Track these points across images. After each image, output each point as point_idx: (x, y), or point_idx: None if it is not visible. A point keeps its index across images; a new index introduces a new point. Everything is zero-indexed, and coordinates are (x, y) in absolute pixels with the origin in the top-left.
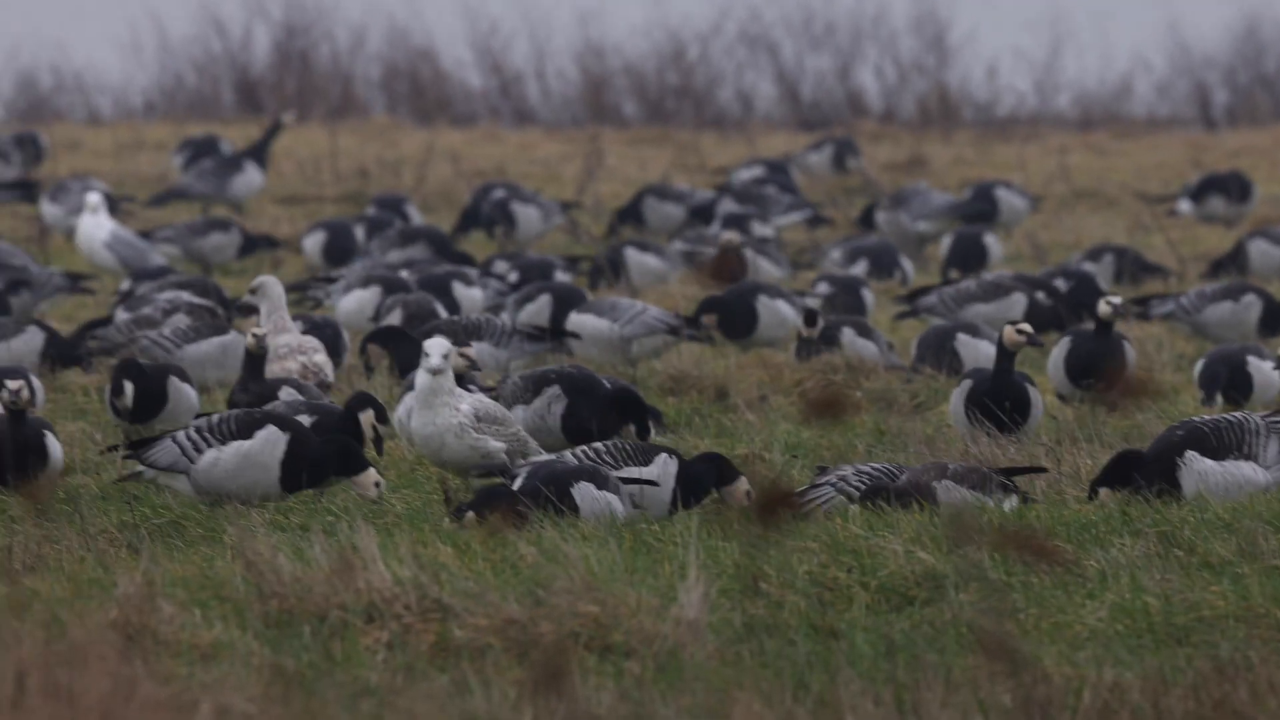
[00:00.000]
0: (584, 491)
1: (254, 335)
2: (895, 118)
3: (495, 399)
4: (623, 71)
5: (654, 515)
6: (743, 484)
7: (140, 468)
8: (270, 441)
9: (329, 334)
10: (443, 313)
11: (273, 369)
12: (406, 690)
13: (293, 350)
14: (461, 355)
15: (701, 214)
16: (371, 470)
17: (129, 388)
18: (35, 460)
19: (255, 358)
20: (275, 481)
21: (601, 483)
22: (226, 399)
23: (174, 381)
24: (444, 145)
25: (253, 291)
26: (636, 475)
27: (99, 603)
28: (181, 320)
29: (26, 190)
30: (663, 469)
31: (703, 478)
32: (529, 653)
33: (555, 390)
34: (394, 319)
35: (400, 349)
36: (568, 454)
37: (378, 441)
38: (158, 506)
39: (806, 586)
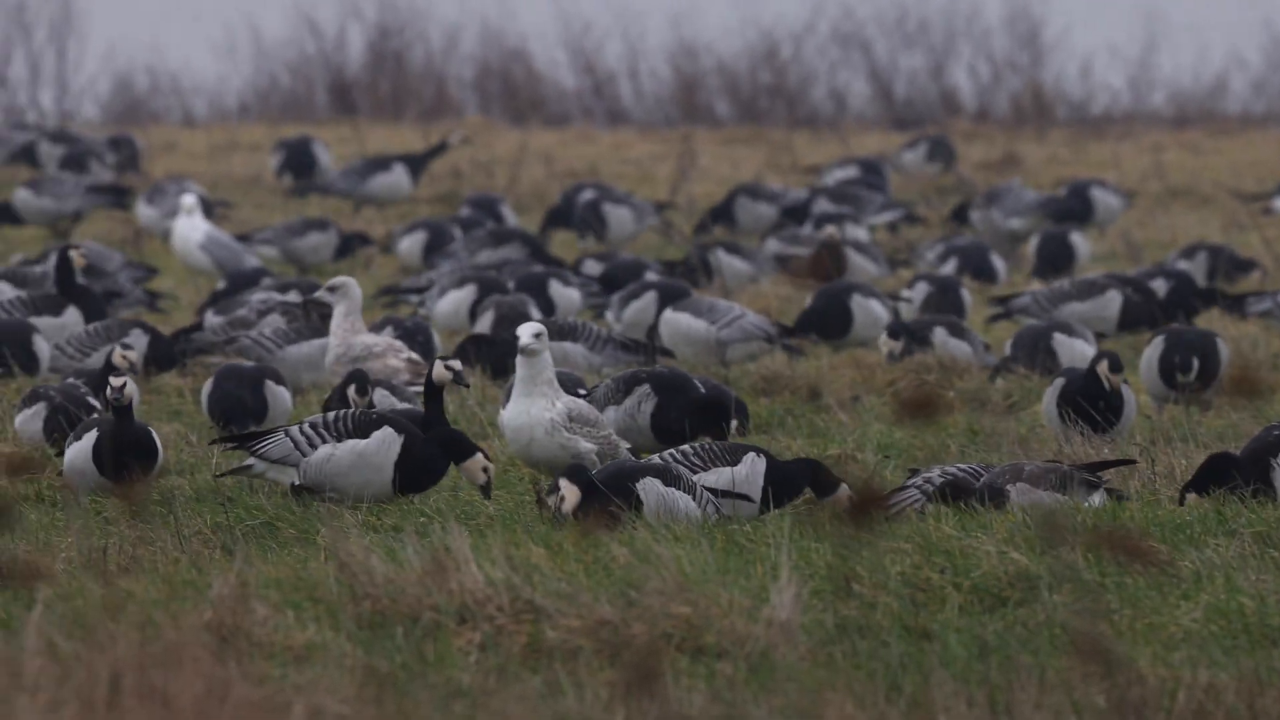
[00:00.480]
0: (649, 487)
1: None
2: (989, 116)
3: (589, 401)
4: (716, 71)
5: (744, 515)
6: (844, 491)
7: (250, 461)
8: (386, 442)
9: (420, 339)
10: (535, 314)
11: (373, 366)
12: (499, 691)
13: (388, 347)
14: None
15: (795, 214)
16: (479, 455)
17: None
18: (143, 457)
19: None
20: (387, 483)
21: (670, 480)
22: (323, 404)
23: (270, 385)
24: (537, 146)
25: (331, 289)
26: (721, 483)
27: (193, 604)
28: (277, 320)
29: (118, 195)
30: (750, 468)
31: (793, 477)
32: (621, 654)
33: (645, 389)
34: (486, 321)
35: (490, 352)
36: (654, 457)
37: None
38: (251, 508)
39: (899, 587)
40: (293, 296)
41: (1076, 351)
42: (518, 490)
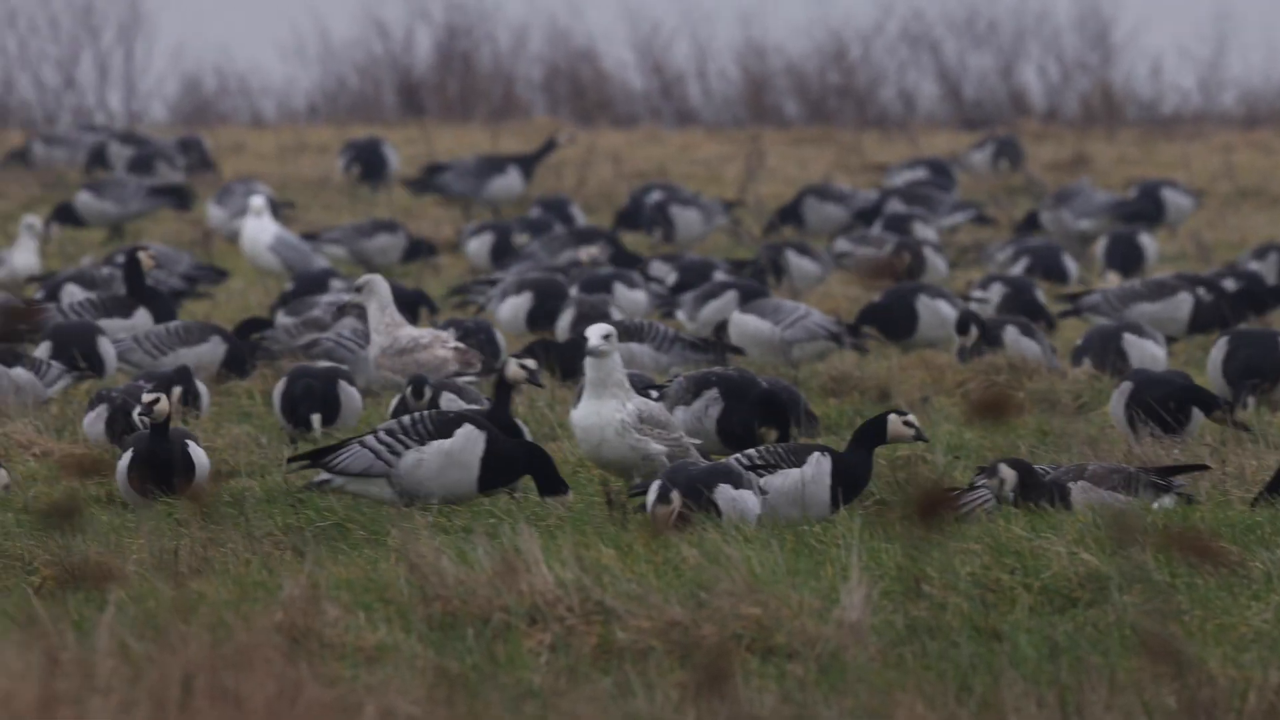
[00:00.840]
0: (724, 494)
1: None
2: (1058, 116)
3: (663, 397)
4: (784, 71)
5: (815, 516)
6: (894, 421)
7: (326, 476)
8: (470, 439)
9: (481, 339)
10: (616, 314)
11: (421, 358)
12: (569, 692)
13: (435, 339)
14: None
15: (867, 215)
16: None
17: (317, 420)
18: (181, 472)
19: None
20: (474, 481)
21: (738, 482)
22: (392, 408)
23: (343, 385)
24: (605, 146)
25: (358, 289)
26: (788, 485)
27: (264, 605)
28: (347, 320)
29: (180, 197)
30: (816, 468)
31: (859, 470)
32: (691, 655)
33: (713, 393)
34: (566, 320)
35: (561, 354)
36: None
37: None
38: (322, 509)
39: (969, 588)
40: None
41: (1147, 352)
42: (588, 491)
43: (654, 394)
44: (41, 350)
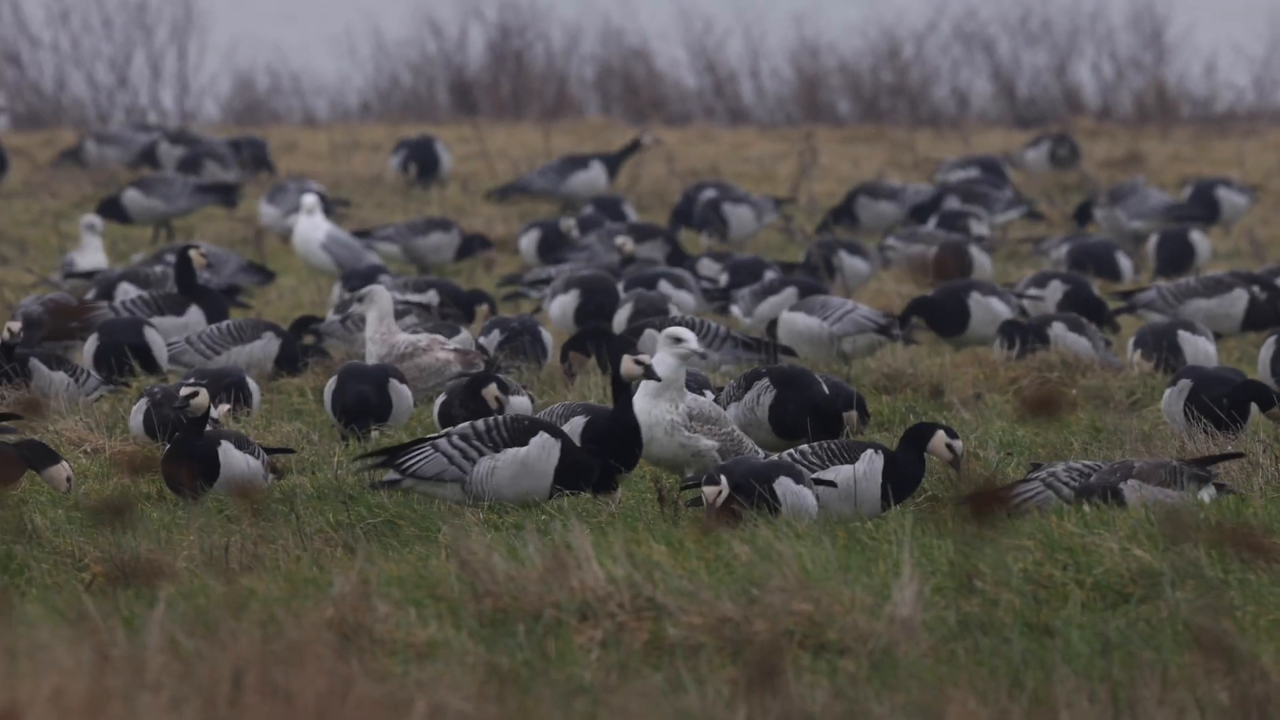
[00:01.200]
0: (785, 486)
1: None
2: (1112, 114)
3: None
4: (837, 70)
5: (866, 513)
6: (940, 437)
7: (396, 477)
8: (545, 448)
9: (527, 340)
10: (675, 310)
11: (423, 362)
12: (620, 688)
13: (432, 342)
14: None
15: (921, 211)
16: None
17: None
18: (205, 472)
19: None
20: (547, 488)
21: (799, 478)
22: (438, 412)
23: (394, 384)
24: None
25: (360, 300)
26: (840, 481)
27: (315, 602)
28: (409, 320)
29: (227, 195)
30: (868, 465)
31: (911, 469)
32: (743, 651)
33: (764, 383)
34: (624, 313)
35: (610, 348)
36: (775, 456)
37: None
38: (373, 506)
39: (1021, 584)
40: (430, 296)
41: (1200, 350)
42: (639, 488)
43: (708, 393)
44: (90, 344)
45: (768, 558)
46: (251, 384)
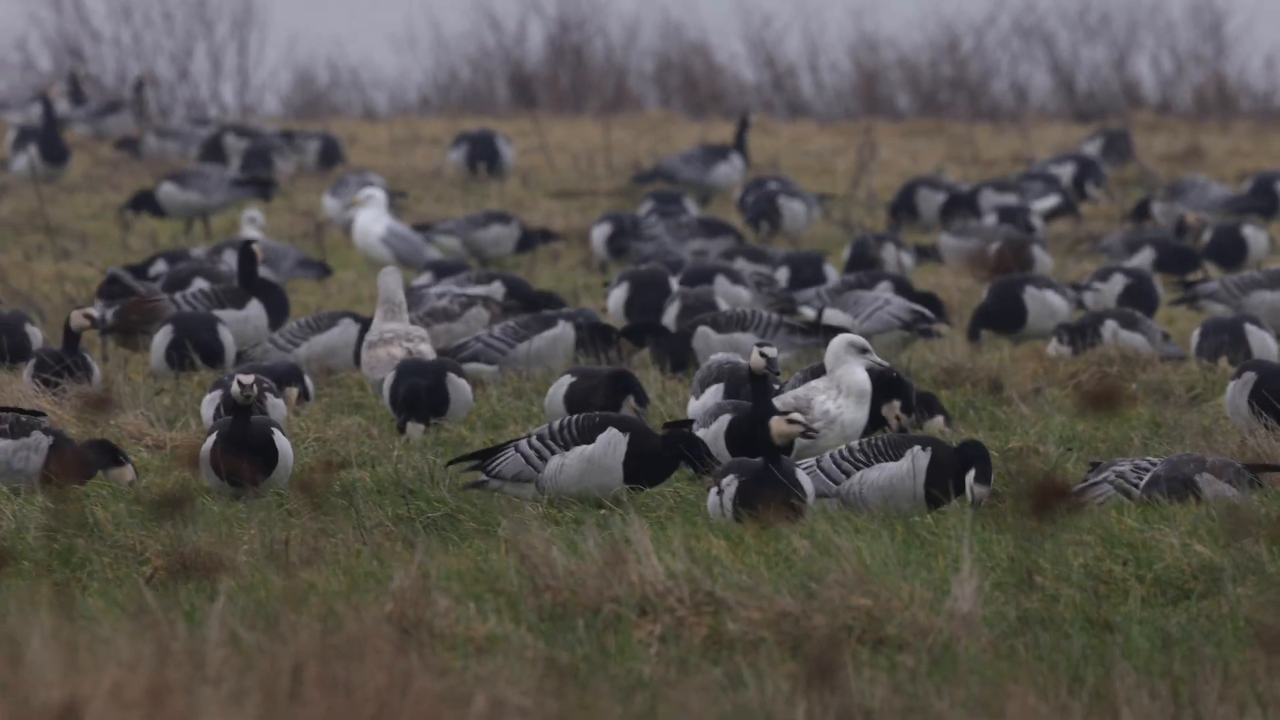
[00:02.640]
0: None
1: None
2: (1172, 108)
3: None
4: (896, 64)
5: (905, 510)
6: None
7: (484, 478)
8: (612, 444)
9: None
10: (723, 304)
11: (378, 354)
12: (679, 683)
13: (398, 336)
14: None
15: (962, 203)
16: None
17: (415, 430)
18: (262, 460)
19: None
20: (619, 482)
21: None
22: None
23: (451, 378)
24: (717, 138)
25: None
26: (882, 479)
27: (374, 596)
28: (481, 314)
29: (263, 188)
30: (912, 463)
31: (956, 470)
32: (802, 645)
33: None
34: (672, 312)
35: (665, 343)
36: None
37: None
38: (433, 500)
39: (1081, 579)
40: (496, 288)
41: (1266, 344)
42: (699, 482)
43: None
44: (161, 337)
45: (827, 552)
46: (307, 379)
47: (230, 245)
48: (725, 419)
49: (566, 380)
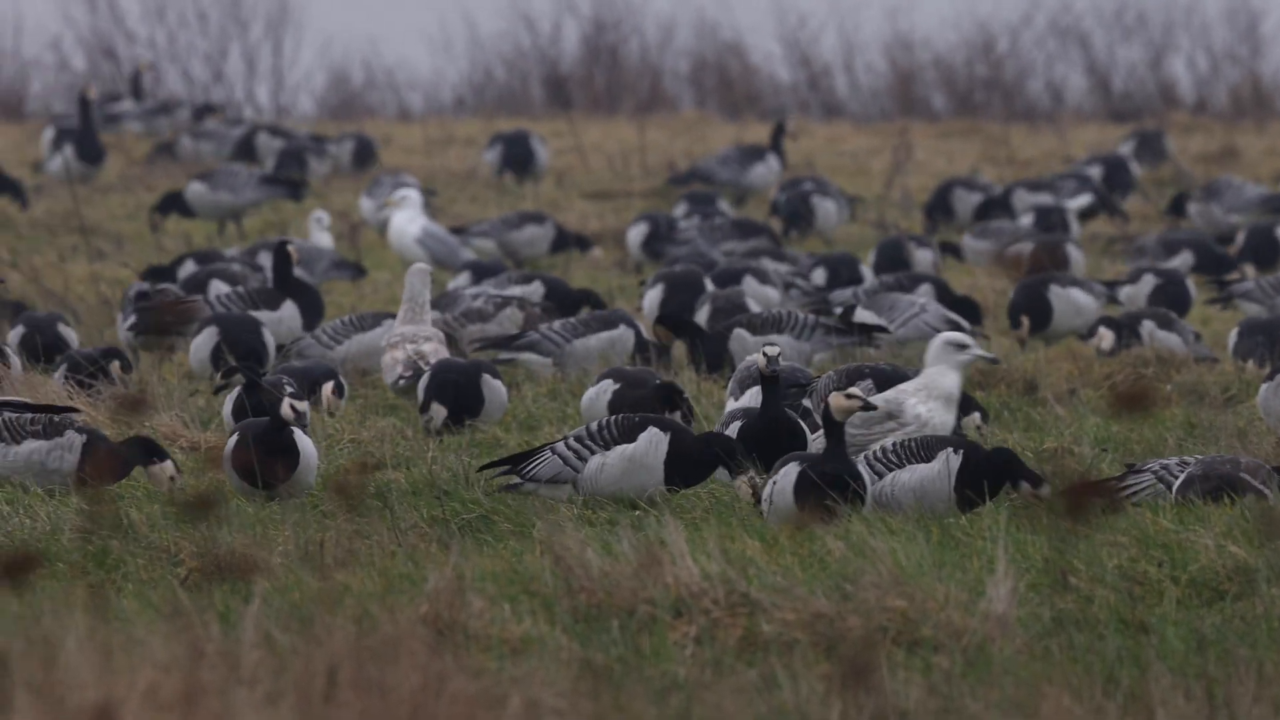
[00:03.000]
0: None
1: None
2: (1208, 108)
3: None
4: (931, 64)
5: (939, 512)
6: (1025, 489)
7: (518, 481)
8: (653, 443)
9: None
10: (755, 306)
11: (385, 358)
12: (714, 684)
13: (404, 339)
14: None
15: (996, 205)
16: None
17: (439, 412)
18: (285, 461)
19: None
20: (660, 482)
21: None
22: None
23: (486, 379)
24: (752, 139)
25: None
26: (914, 481)
27: (409, 597)
28: (515, 315)
29: (292, 188)
30: (944, 464)
31: (990, 473)
32: (837, 647)
33: (869, 384)
34: (703, 315)
35: (700, 342)
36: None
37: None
38: (467, 501)
39: (1116, 580)
40: (535, 287)
41: None
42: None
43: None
44: (205, 338)
45: (862, 554)
46: (341, 380)
47: (265, 246)
48: (737, 425)
49: (609, 386)
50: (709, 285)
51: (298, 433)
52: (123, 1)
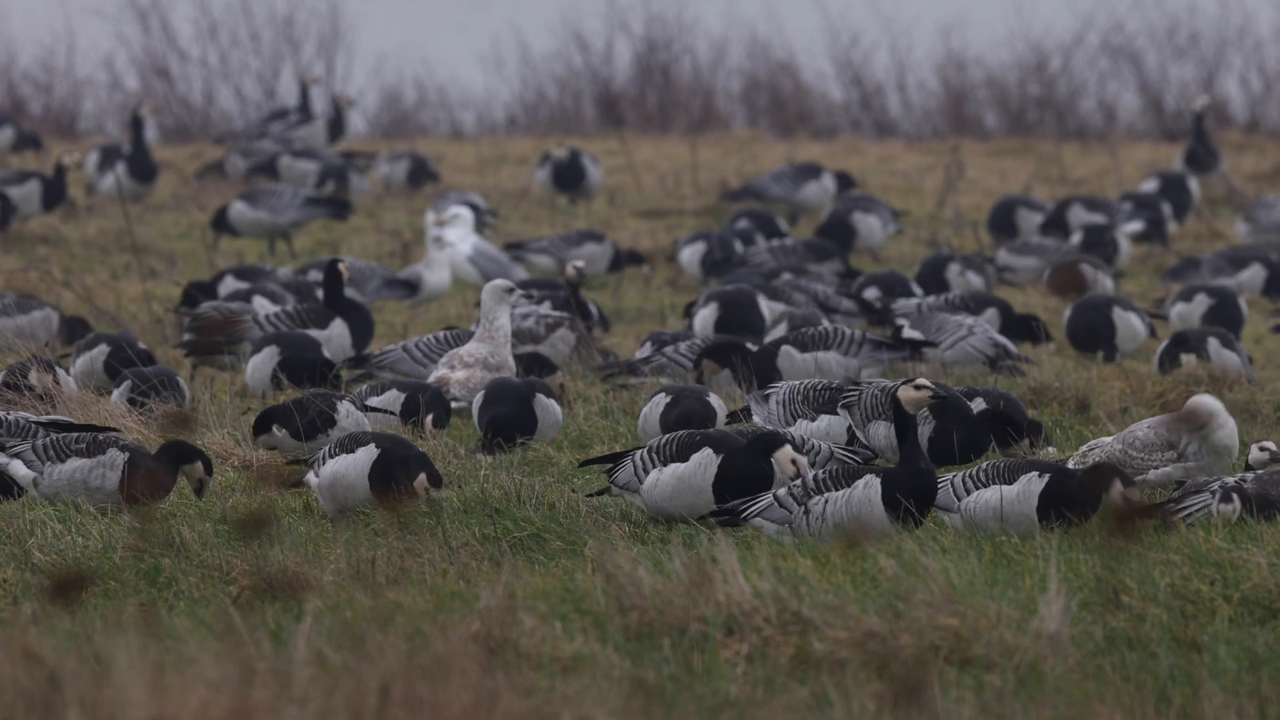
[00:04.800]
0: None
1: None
2: (1260, 127)
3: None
4: (984, 83)
5: (1022, 532)
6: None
7: (608, 485)
8: (703, 464)
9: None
10: (825, 323)
11: (450, 376)
12: (766, 703)
13: (450, 360)
14: None
15: (1057, 222)
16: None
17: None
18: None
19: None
20: (710, 504)
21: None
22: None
23: (540, 399)
24: (804, 157)
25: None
26: (993, 503)
27: (461, 615)
28: (568, 336)
29: (337, 208)
30: (1025, 488)
31: (1074, 493)
32: (889, 665)
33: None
34: (779, 331)
35: (747, 362)
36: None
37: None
38: (519, 519)
39: (1168, 599)
40: (592, 312)
41: None
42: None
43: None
44: (264, 357)
45: (913, 572)
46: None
47: (317, 265)
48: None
49: (662, 400)
50: (763, 304)
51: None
52: (175, 21)
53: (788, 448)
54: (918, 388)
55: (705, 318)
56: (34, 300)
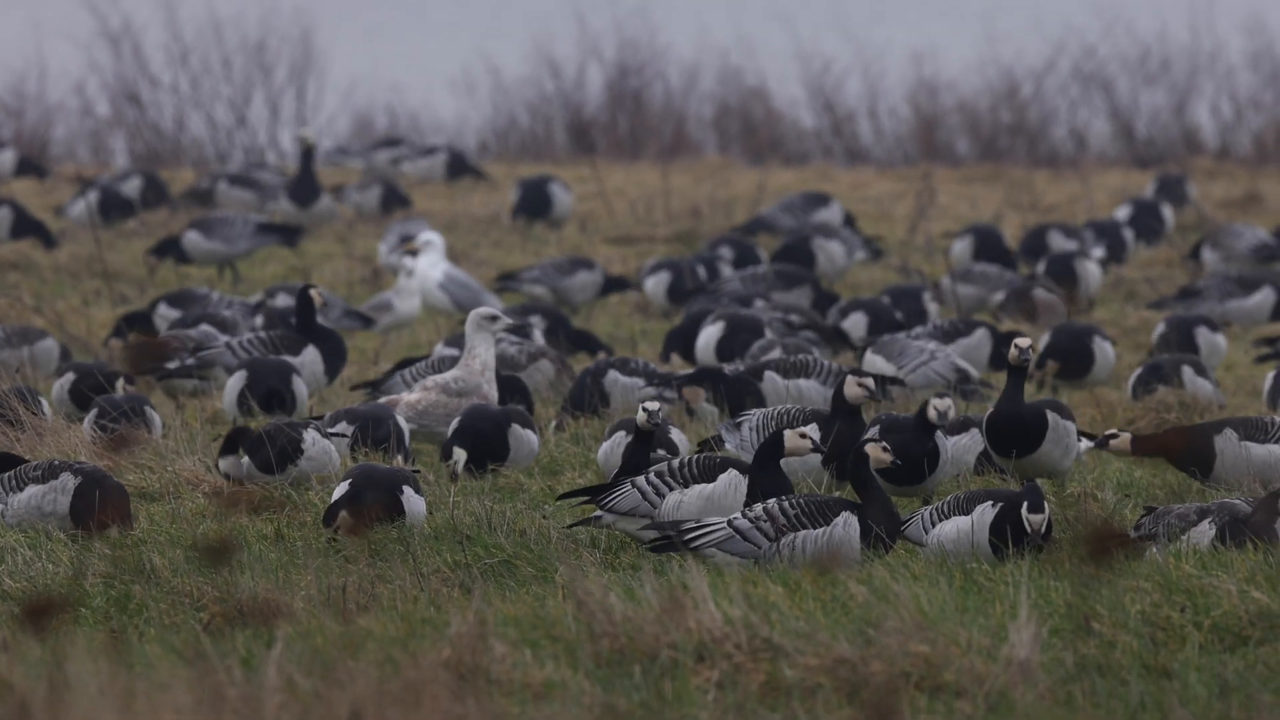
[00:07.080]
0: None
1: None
2: (1231, 154)
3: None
4: (956, 109)
5: (986, 560)
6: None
7: (599, 514)
8: (732, 484)
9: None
10: (814, 354)
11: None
12: None
13: (431, 385)
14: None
15: (1030, 249)
16: None
17: (460, 456)
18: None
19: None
20: None
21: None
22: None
23: (515, 429)
24: (776, 184)
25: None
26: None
27: (432, 642)
28: (547, 367)
29: (288, 235)
30: (979, 518)
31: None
32: (859, 692)
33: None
34: (774, 354)
35: (728, 389)
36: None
37: None
38: (490, 546)
39: (1139, 626)
40: (536, 320)
41: None
42: None
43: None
44: (235, 381)
45: (884, 599)
46: (403, 422)
47: (286, 290)
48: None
49: (622, 439)
50: (768, 332)
51: (407, 490)
52: (147, 47)
53: (789, 432)
54: (860, 385)
55: (710, 335)
56: (36, 329)
